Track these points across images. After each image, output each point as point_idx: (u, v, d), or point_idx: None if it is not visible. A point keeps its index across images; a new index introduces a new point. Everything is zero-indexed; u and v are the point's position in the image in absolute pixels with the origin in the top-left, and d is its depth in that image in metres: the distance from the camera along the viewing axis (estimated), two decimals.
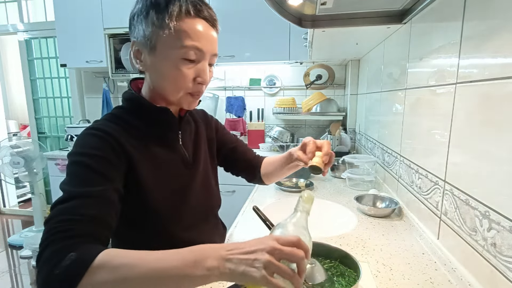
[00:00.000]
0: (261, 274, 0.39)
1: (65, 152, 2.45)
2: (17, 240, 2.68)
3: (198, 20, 0.61)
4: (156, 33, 0.60)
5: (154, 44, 0.61)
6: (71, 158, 0.58)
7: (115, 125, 0.64)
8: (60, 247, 0.45)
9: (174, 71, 0.62)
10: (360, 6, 1.07)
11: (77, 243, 0.46)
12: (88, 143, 0.59)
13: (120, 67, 2.44)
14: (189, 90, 0.65)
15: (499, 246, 0.58)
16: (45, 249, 0.46)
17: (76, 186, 0.53)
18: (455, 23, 0.77)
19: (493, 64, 0.61)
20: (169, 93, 0.66)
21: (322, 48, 1.74)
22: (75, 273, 0.42)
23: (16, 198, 3.67)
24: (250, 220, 1.05)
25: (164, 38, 0.60)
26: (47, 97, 3.17)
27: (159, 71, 0.64)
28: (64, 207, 0.50)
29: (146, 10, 0.61)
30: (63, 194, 0.53)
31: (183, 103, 0.68)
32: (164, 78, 0.64)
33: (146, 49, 0.63)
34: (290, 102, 2.44)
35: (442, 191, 0.82)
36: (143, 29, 0.61)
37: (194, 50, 0.61)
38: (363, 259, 0.78)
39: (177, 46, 0.60)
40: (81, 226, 0.49)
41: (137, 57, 0.65)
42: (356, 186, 1.42)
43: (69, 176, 0.56)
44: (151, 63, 0.64)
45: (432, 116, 0.91)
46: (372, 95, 1.78)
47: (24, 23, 3.07)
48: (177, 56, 0.61)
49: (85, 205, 0.51)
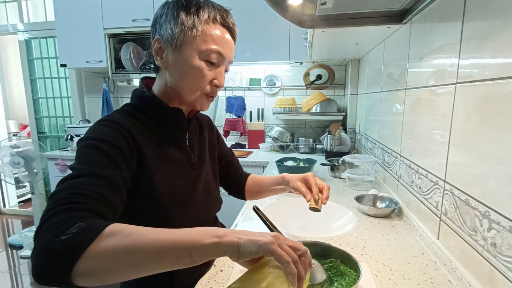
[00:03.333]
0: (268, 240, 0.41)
1: (65, 152, 2.45)
2: (17, 240, 2.68)
3: (223, 28, 0.66)
4: (184, 33, 0.63)
5: (180, 43, 0.64)
6: (83, 142, 0.58)
7: (128, 120, 0.64)
8: (68, 216, 0.42)
9: (195, 71, 0.65)
10: (360, 6, 1.07)
11: (86, 216, 0.44)
12: (102, 131, 0.59)
13: (120, 67, 2.44)
14: (205, 91, 0.68)
15: (499, 246, 0.58)
16: (49, 218, 0.43)
17: (88, 165, 0.52)
18: (455, 23, 0.77)
19: (493, 64, 0.61)
20: (186, 92, 0.67)
21: (322, 48, 1.74)
22: (81, 239, 0.39)
23: (16, 198, 3.66)
24: (250, 220, 1.05)
25: (190, 39, 0.63)
26: (47, 97, 3.17)
27: (180, 69, 0.66)
28: (74, 182, 0.49)
29: (176, 11, 0.64)
30: (72, 172, 0.51)
31: (197, 104, 0.70)
32: (184, 76, 0.66)
33: (170, 47, 0.65)
34: (290, 102, 2.44)
35: (442, 191, 0.82)
36: (171, 27, 0.64)
37: (217, 54, 0.65)
38: (363, 259, 0.78)
39: (202, 48, 0.64)
40: (91, 201, 0.47)
41: (158, 54, 0.67)
42: (356, 186, 1.42)
43: (80, 157, 0.55)
44: (173, 61, 0.66)
45: (432, 116, 0.91)
46: (372, 95, 1.78)
47: (24, 23, 3.07)
48: (200, 57, 0.64)
49: (96, 184, 0.50)
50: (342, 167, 1.57)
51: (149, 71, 2.41)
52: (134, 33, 2.35)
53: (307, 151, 2.41)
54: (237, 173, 0.97)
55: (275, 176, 0.90)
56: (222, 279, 0.70)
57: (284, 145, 2.43)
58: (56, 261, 0.38)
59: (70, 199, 0.46)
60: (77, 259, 0.38)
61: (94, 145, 0.56)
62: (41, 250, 0.40)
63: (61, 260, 0.38)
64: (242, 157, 2.20)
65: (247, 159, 2.15)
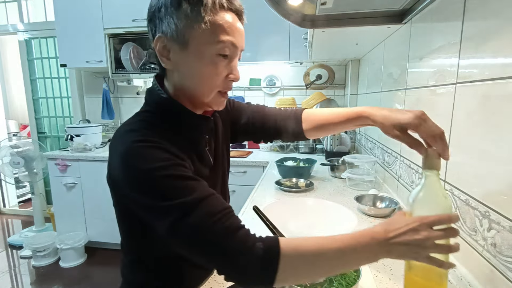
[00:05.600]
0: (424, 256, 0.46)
1: (65, 152, 2.45)
2: (17, 240, 2.68)
3: (230, 13, 0.57)
4: (190, 27, 0.54)
5: (187, 39, 0.55)
6: (151, 174, 0.50)
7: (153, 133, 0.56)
8: (239, 240, 0.47)
9: (209, 68, 0.57)
10: (360, 6, 1.07)
11: (246, 233, 0.49)
12: (154, 156, 0.51)
13: (120, 67, 2.44)
14: (221, 88, 0.61)
15: (499, 246, 0.58)
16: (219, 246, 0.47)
17: (191, 194, 0.49)
18: (455, 23, 0.76)
19: (493, 64, 0.61)
20: (201, 93, 0.60)
21: (322, 48, 1.74)
22: (271, 257, 0.46)
23: (16, 198, 3.67)
24: (250, 220, 1.05)
25: (198, 33, 0.55)
26: (47, 97, 3.17)
27: (192, 68, 0.58)
28: (204, 212, 0.48)
29: (177, 1, 0.54)
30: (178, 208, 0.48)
31: (213, 104, 0.63)
32: (198, 76, 0.58)
33: (177, 45, 0.56)
34: (290, 102, 2.44)
35: None
36: (175, 22, 0.55)
37: (230, 45, 0.57)
38: None
39: (213, 40, 0.55)
40: (233, 217, 0.50)
41: (163, 54, 0.58)
42: (356, 186, 1.42)
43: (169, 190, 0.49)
44: (182, 61, 0.57)
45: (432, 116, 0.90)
46: (372, 95, 1.78)
47: (24, 23, 3.07)
48: (212, 52, 0.56)
49: (217, 201, 0.51)
50: (342, 167, 1.57)
51: (149, 71, 2.41)
52: (134, 33, 2.35)
53: (307, 151, 2.41)
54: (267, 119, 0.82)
55: (345, 112, 0.71)
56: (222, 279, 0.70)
57: (284, 145, 2.43)
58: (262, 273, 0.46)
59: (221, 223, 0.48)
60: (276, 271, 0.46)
61: (169, 176, 0.50)
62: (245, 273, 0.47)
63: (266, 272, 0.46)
64: (242, 157, 2.20)
65: (247, 159, 2.15)
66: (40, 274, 2.28)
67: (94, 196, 2.39)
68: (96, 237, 2.48)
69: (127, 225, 0.63)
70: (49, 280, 2.19)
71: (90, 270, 2.33)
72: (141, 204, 0.52)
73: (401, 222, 0.47)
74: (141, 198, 0.51)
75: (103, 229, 2.44)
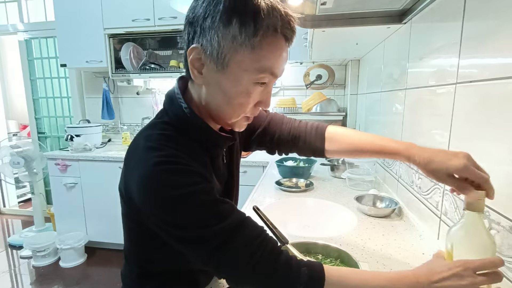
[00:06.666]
0: None
1: (65, 152, 2.45)
2: (17, 240, 2.68)
3: (280, 38, 0.51)
4: (234, 50, 0.49)
5: (227, 62, 0.50)
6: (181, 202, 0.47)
7: (178, 151, 0.52)
8: (283, 266, 0.48)
9: (242, 96, 0.53)
10: (360, 6, 1.07)
11: (288, 257, 0.49)
12: (180, 182, 0.48)
13: (120, 67, 2.44)
14: (248, 114, 0.57)
15: (499, 246, 0.58)
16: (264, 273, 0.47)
17: (227, 219, 0.48)
18: (455, 23, 0.77)
19: (493, 64, 0.61)
20: (226, 115, 0.57)
21: (322, 48, 1.74)
22: (317, 285, 0.47)
23: (16, 198, 3.66)
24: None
25: (241, 57, 0.50)
26: (47, 97, 3.17)
27: (224, 92, 0.53)
28: (243, 238, 0.48)
29: (228, 16, 0.47)
30: (215, 237, 0.47)
31: (235, 126, 0.60)
32: (228, 100, 0.54)
33: (214, 64, 0.51)
34: (290, 102, 2.44)
35: (442, 191, 0.82)
36: (218, 40, 0.49)
37: (269, 75, 0.52)
38: (363, 259, 0.78)
39: (254, 69, 0.50)
40: (271, 240, 0.50)
41: (195, 66, 0.53)
42: (356, 186, 1.42)
43: (202, 219, 0.48)
44: (215, 81, 0.53)
45: (432, 116, 0.91)
46: (372, 95, 1.78)
47: (24, 23, 3.07)
48: (251, 80, 0.52)
49: (252, 223, 0.51)
50: (342, 167, 1.57)
51: (149, 71, 2.41)
52: (134, 33, 2.35)
53: None
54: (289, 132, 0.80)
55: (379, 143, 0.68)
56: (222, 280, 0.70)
57: None
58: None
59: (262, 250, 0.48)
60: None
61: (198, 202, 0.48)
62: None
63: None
64: (242, 157, 2.19)
65: (247, 159, 2.15)
66: (40, 274, 2.28)
67: (94, 196, 2.39)
68: (96, 237, 2.48)
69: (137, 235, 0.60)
70: (49, 280, 2.19)
71: (90, 270, 2.33)
72: (171, 234, 0.49)
73: (443, 266, 0.48)
74: (170, 228, 0.49)
75: (103, 229, 2.43)
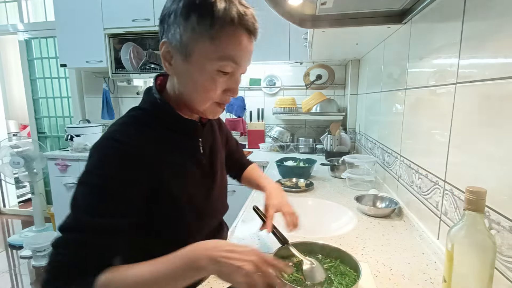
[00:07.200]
0: (243, 281, 0.46)
1: (65, 152, 2.45)
2: (17, 240, 2.68)
3: (240, 30, 0.56)
4: (195, 41, 0.55)
5: (190, 52, 0.56)
6: (87, 176, 0.54)
7: (138, 132, 0.59)
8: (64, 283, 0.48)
9: (207, 82, 0.58)
10: (360, 6, 1.07)
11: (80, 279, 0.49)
12: (108, 161, 0.54)
13: (120, 67, 2.44)
14: (217, 100, 0.62)
15: (499, 246, 0.58)
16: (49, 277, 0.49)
17: (89, 214, 0.51)
18: (455, 23, 0.77)
19: (493, 64, 0.61)
20: (196, 102, 0.62)
21: (322, 48, 1.74)
22: None
23: (16, 198, 3.66)
24: (250, 220, 1.05)
25: (202, 48, 0.55)
26: (47, 97, 3.17)
27: (191, 79, 0.59)
28: (73, 238, 0.50)
29: (186, 11, 0.54)
30: (73, 219, 0.51)
31: (208, 113, 0.65)
32: (195, 87, 0.60)
33: (180, 55, 0.58)
34: (290, 102, 2.44)
35: (442, 191, 0.82)
36: (180, 33, 0.56)
37: (231, 63, 0.57)
38: (363, 259, 0.78)
39: (215, 57, 0.56)
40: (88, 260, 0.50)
41: (167, 59, 0.60)
42: (356, 186, 1.42)
43: (82, 197, 0.52)
44: (183, 70, 0.59)
45: (432, 116, 0.91)
46: (372, 95, 1.78)
47: (24, 23, 3.07)
48: (213, 68, 0.57)
49: (94, 242, 0.51)
50: (342, 167, 1.57)
51: (149, 71, 2.41)
52: (134, 33, 2.35)
53: (307, 151, 2.41)
54: (239, 167, 1.02)
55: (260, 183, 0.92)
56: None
57: (284, 145, 2.43)
58: None
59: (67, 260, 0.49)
60: None
61: (97, 186, 0.52)
62: None
63: None
64: None
65: None
66: (40, 274, 2.28)
67: None
68: None
69: None
70: None
71: None
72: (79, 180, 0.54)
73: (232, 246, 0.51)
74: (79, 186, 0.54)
75: None
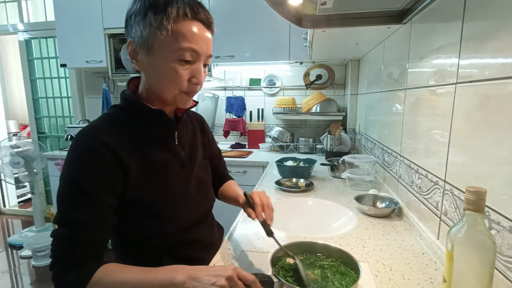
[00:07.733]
0: None
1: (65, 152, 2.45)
2: (17, 240, 2.68)
3: (195, 22, 0.63)
4: (154, 35, 0.62)
5: (151, 45, 0.63)
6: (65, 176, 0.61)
7: (110, 128, 0.66)
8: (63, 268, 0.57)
9: (170, 72, 0.64)
10: (360, 6, 1.07)
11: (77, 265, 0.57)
12: (82, 160, 0.61)
13: (120, 67, 2.44)
14: (184, 89, 0.67)
15: (499, 246, 0.58)
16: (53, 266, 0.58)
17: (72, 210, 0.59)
18: (455, 23, 0.77)
19: (493, 64, 0.61)
20: (164, 92, 0.67)
21: (322, 48, 1.74)
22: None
23: (16, 198, 3.66)
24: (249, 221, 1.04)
25: (161, 40, 0.62)
26: (47, 97, 3.17)
27: (156, 71, 0.65)
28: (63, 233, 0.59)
29: (144, 11, 0.62)
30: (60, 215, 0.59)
31: (178, 102, 0.70)
32: (160, 78, 0.66)
33: (143, 49, 0.64)
34: (290, 102, 2.44)
35: (442, 191, 0.82)
36: (141, 30, 0.63)
37: (190, 51, 0.63)
38: (363, 259, 0.78)
39: (174, 47, 0.62)
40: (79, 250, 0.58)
41: (134, 57, 0.67)
42: (356, 186, 1.42)
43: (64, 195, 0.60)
44: (148, 64, 0.65)
45: (432, 116, 0.91)
46: (372, 95, 1.78)
47: (24, 23, 3.07)
48: (174, 57, 0.63)
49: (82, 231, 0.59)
50: (342, 167, 1.57)
51: None
52: None
53: (307, 151, 2.41)
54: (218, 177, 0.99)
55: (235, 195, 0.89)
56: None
57: (284, 145, 2.43)
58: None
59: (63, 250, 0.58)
60: None
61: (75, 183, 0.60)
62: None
63: None
64: (242, 157, 2.20)
65: (247, 159, 2.15)
66: (40, 274, 2.28)
67: None
68: None
69: None
70: (49, 280, 2.18)
71: None
72: None
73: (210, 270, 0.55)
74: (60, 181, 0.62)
75: None
